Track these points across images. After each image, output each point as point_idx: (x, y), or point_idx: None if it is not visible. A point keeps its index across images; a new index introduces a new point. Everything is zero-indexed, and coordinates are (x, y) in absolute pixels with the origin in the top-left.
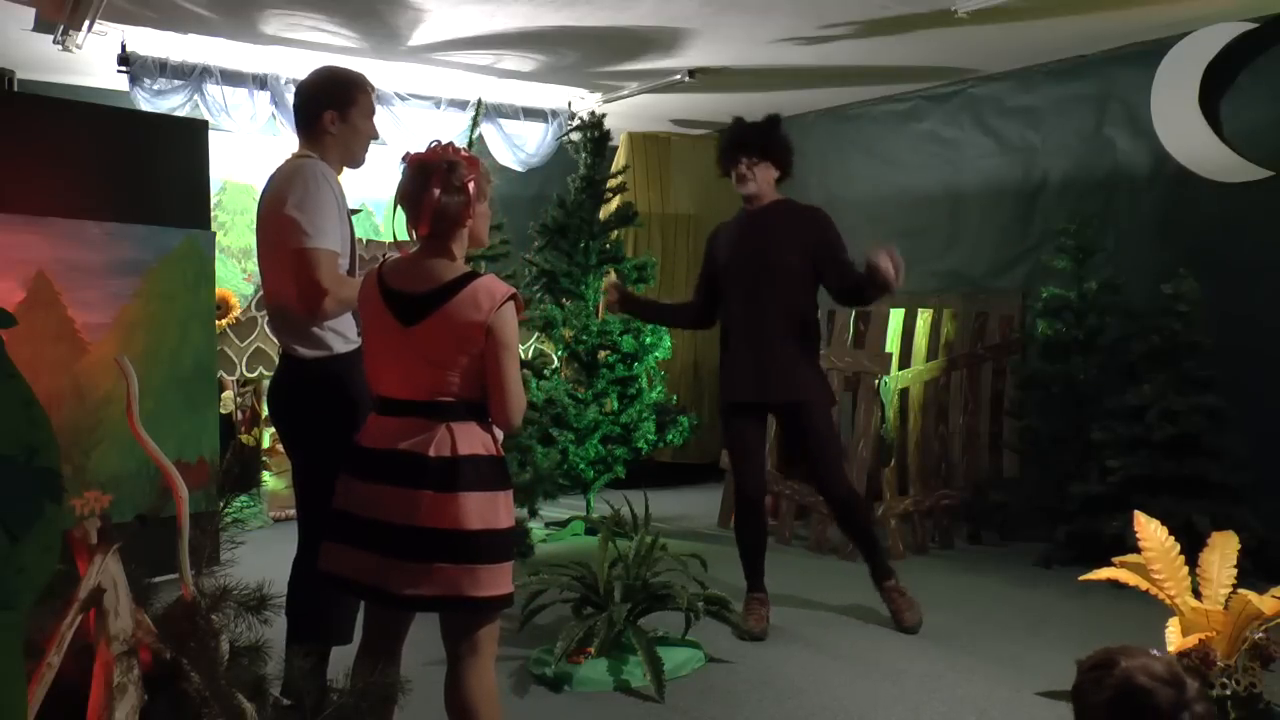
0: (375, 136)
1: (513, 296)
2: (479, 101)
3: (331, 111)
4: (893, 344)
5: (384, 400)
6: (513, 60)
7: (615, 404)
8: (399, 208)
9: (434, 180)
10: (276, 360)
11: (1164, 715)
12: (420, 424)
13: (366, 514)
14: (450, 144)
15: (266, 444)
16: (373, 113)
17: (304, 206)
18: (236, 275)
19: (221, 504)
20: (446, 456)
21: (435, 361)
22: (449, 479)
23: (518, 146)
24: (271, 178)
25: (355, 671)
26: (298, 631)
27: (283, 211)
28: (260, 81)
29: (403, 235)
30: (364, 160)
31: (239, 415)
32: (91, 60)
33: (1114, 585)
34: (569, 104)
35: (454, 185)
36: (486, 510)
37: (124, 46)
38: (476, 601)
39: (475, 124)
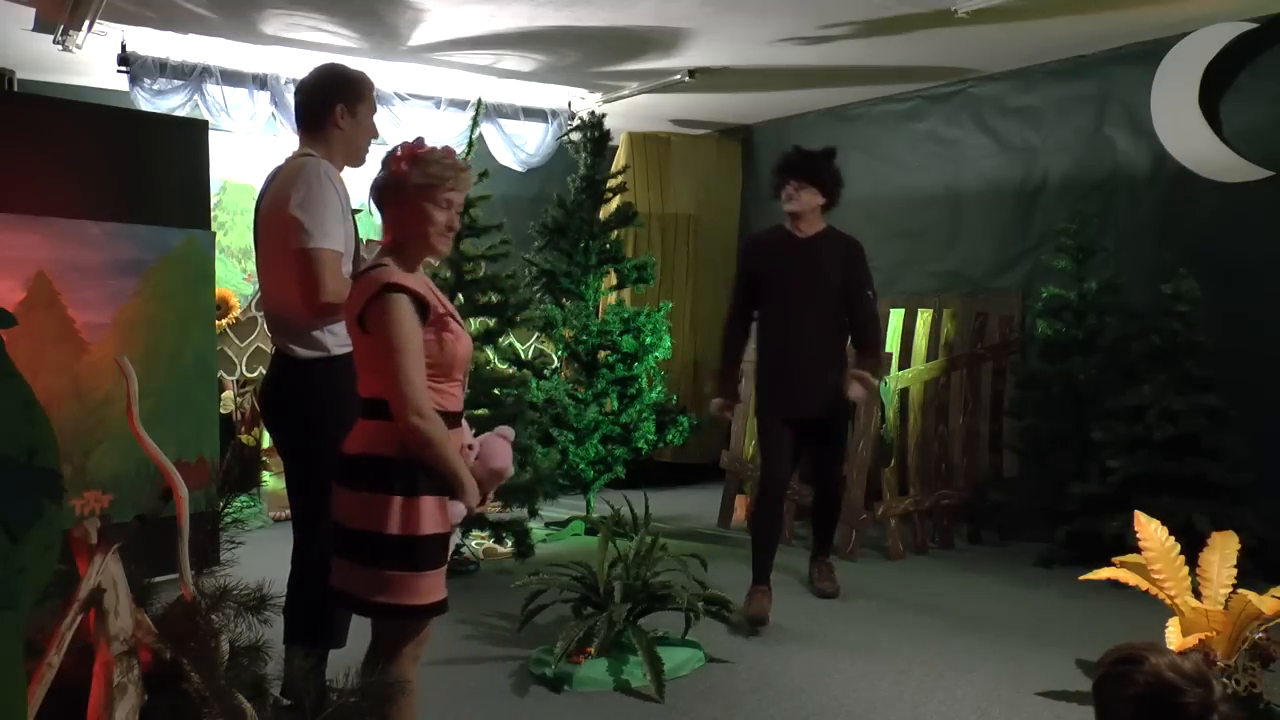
0: (377, 135)
1: (395, 288)
2: (479, 101)
3: (343, 105)
4: (893, 344)
5: None
6: (513, 60)
7: (615, 404)
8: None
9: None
10: None
11: (1192, 715)
12: (358, 423)
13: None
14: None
15: (266, 444)
16: (375, 111)
17: (307, 206)
18: (236, 275)
19: (221, 504)
20: (343, 453)
21: (357, 359)
22: (339, 473)
23: (518, 146)
24: (272, 177)
25: (363, 672)
26: (293, 633)
27: (286, 211)
28: (260, 81)
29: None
30: (366, 159)
31: (239, 415)
32: (91, 60)
33: (1114, 585)
34: (569, 104)
35: (384, 163)
36: (371, 511)
37: (124, 46)
38: (367, 604)
39: (475, 124)
